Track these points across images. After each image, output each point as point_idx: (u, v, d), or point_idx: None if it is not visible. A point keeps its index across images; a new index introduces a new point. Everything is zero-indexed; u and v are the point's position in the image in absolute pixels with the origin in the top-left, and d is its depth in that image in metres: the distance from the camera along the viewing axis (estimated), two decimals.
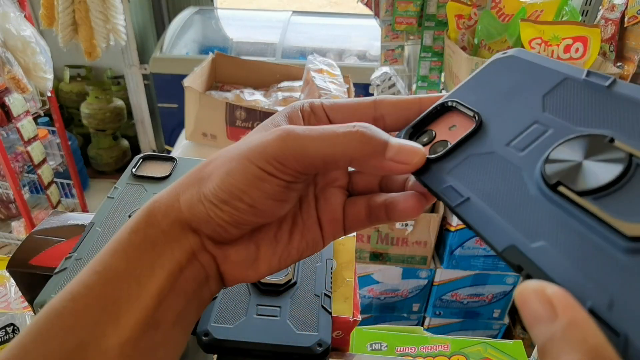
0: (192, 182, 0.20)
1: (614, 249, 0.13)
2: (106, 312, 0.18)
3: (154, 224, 0.20)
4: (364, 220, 0.23)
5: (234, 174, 0.19)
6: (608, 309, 0.12)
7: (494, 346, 0.42)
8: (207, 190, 0.19)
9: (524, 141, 0.18)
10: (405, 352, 0.42)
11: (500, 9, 1.11)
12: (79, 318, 0.18)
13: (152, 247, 0.19)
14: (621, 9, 0.96)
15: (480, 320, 1.31)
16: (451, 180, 0.19)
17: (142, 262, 0.19)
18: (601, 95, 0.17)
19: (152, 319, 0.19)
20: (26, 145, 1.52)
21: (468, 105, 0.20)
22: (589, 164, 0.15)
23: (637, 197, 0.14)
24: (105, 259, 0.19)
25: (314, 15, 2.30)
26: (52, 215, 0.38)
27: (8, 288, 0.45)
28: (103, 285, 0.18)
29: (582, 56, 0.94)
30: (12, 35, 1.24)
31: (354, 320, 0.31)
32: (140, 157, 0.40)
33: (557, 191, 0.15)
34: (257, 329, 0.28)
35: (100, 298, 0.18)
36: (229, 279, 0.21)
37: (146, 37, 2.15)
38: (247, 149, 0.19)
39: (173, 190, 0.20)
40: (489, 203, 0.17)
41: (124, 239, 0.19)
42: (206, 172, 0.20)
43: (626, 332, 0.12)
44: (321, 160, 0.19)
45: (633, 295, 0.12)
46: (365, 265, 1.20)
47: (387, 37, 1.34)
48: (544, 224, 0.15)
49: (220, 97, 1.31)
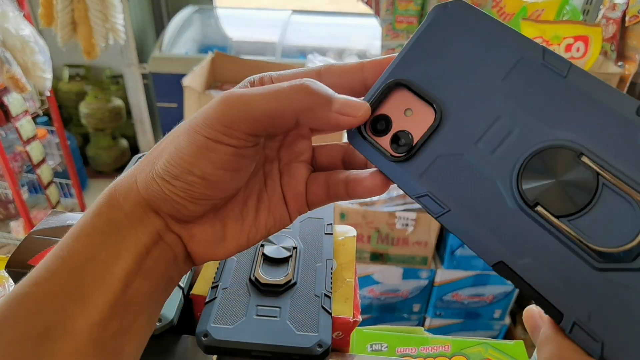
0: (146, 162, 0.20)
1: (589, 267, 0.16)
2: (72, 296, 0.18)
3: (116, 207, 0.19)
4: (323, 196, 0.23)
5: (181, 147, 0.19)
6: (588, 321, 0.15)
7: (494, 347, 0.41)
8: (159, 168, 0.19)
9: (492, 141, 0.18)
10: (405, 352, 0.42)
11: (501, 8, 1.11)
12: (44, 302, 0.17)
13: (116, 230, 0.19)
14: (622, 8, 0.96)
15: (481, 320, 1.30)
16: (426, 186, 0.19)
17: (107, 245, 0.19)
18: (560, 87, 0.17)
19: (121, 301, 0.19)
20: (25, 145, 1.52)
21: (421, 86, 0.19)
22: (562, 184, 0.16)
23: (604, 216, 0.16)
24: (69, 243, 0.19)
25: (314, 14, 2.30)
26: (51, 215, 0.38)
27: (7, 288, 0.44)
28: (68, 270, 0.18)
29: (583, 55, 0.94)
30: (10, 35, 1.24)
31: (354, 321, 0.31)
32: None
33: (535, 210, 0.17)
34: (257, 329, 0.28)
35: (66, 282, 0.18)
36: (197, 257, 0.22)
37: (145, 36, 2.15)
38: (193, 119, 0.19)
39: (131, 172, 0.20)
40: (471, 216, 0.18)
41: (87, 223, 0.19)
42: (158, 150, 0.20)
43: (602, 339, 0.15)
44: (267, 116, 0.18)
45: (605, 308, 0.15)
46: (365, 266, 1.20)
47: (387, 36, 1.34)
48: (527, 241, 0.17)
49: None
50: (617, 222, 0.16)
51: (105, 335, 0.18)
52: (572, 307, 0.15)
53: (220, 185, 0.20)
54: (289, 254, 0.32)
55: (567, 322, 0.16)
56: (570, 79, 0.17)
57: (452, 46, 0.19)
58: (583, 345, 0.15)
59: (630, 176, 0.15)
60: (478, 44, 0.19)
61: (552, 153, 0.17)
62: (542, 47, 0.18)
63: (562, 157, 0.17)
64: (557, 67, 0.17)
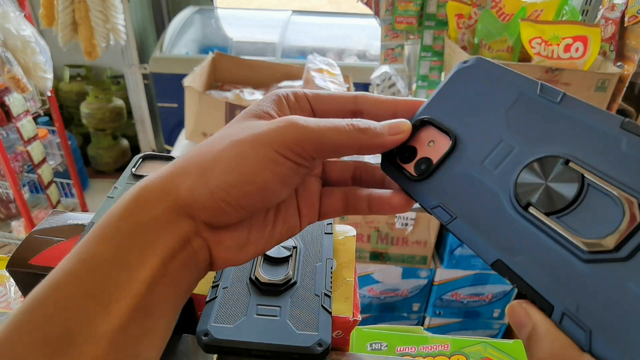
0: (191, 167, 0.20)
1: (577, 259, 0.17)
2: (94, 300, 0.17)
3: (145, 210, 0.19)
4: (339, 209, 0.25)
5: (247, 157, 0.19)
6: (576, 310, 0.16)
7: (494, 346, 0.42)
8: (215, 174, 0.19)
9: (495, 159, 0.21)
10: (405, 351, 0.42)
11: (500, 9, 1.11)
12: (64, 307, 0.17)
13: (143, 233, 0.19)
14: (621, 8, 0.96)
15: (481, 320, 1.31)
16: (439, 199, 0.22)
17: (132, 248, 0.18)
18: (554, 112, 0.20)
19: (143, 306, 0.18)
20: (26, 144, 1.52)
21: (442, 121, 0.23)
22: (552, 186, 0.19)
23: (589, 213, 0.17)
24: (91, 246, 0.18)
25: (313, 14, 2.30)
26: (52, 215, 0.38)
27: (8, 288, 0.45)
28: (90, 273, 0.18)
29: (582, 55, 0.94)
30: (11, 35, 1.24)
31: (354, 320, 0.31)
32: (140, 157, 0.40)
33: (528, 211, 0.19)
34: (257, 328, 0.28)
35: (88, 286, 0.18)
36: (219, 262, 0.22)
37: (146, 36, 2.15)
38: (262, 133, 0.20)
39: (167, 176, 0.20)
40: (474, 222, 0.20)
41: (112, 224, 0.19)
42: (209, 156, 0.20)
43: (590, 328, 0.15)
44: (333, 147, 0.21)
45: (593, 298, 0.16)
46: (365, 265, 1.20)
47: (387, 37, 1.34)
48: (521, 240, 0.19)
49: (220, 96, 1.31)
50: (601, 216, 0.17)
51: (126, 340, 0.18)
52: (563, 299, 0.16)
53: (272, 196, 0.21)
54: (289, 254, 0.32)
55: (557, 314, 0.17)
56: (562, 104, 0.20)
57: (468, 90, 0.23)
58: (572, 335, 0.16)
59: (613, 177, 0.17)
60: (488, 86, 0.23)
61: (543, 162, 0.19)
62: (540, 83, 0.21)
63: (551, 165, 0.19)
64: (551, 96, 0.20)
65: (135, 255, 0.18)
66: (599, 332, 0.15)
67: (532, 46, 0.98)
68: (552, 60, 0.97)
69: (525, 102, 0.21)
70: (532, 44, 0.98)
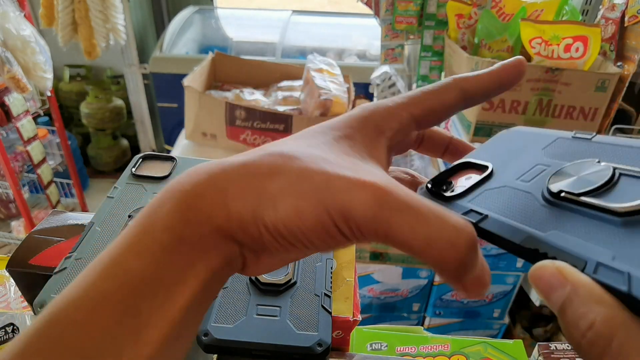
0: (246, 190, 0.17)
1: (611, 225, 0.17)
2: (125, 327, 0.15)
3: (193, 223, 0.16)
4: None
5: (304, 217, 0.16)
6: (612, 260, 0.16)
7: (494, 346, 0.42)
8: (267, 218, 0.17)
9: (530, 175, 0.22)
10: (405, 351, 0.42)
11: (500, 9, 1.11)
12: (92, 336, 0.15)
13: (187, 251, 0.16)
14: (621, 8, 0.96)
15: (481, 320, 1.31)
16: (471, 206, 0.23)
17: (174, 266, 0.16)
18: (586, 144, 0.22)
19: (176, 331, 0.16)
20: (26, 144, 1.52)
21: (479, 160, 0.25)
22: (584, 176, 0.20)
23: (623, 192, 0.18)
24: (124, 259, 0.16)
25: (313, 14, 2.30)
26: (51, 215, 0.38)
27: (8, 288, 0.45)
28: (123, 294, 0.15)
29: (582, 55, 0.94)
30: (11, 35, 1.24)
31: (354, 320, 0.31)
32: (140, 157, 0.40)
33: (561, 197, 0.19)
34: (257, 328, 0.28)
35: (119, 309, 0.15)
36: (246, 273, 0.20)
37: (146, 36, 2.15)
38: (328, 194, 0.16)
39: (218, 190, 0.17)
40: (506, 215, 0.20)
41: (150, 235, 0.16)
42: (270, 190, 0.17)
43: (628, 271, 0.15)
44: (397, 244, 0.16)
45: (629, 250, 0.16)
46: (365, 265, 1.20)
47: (387, 37, 1.34)
48: (553, 220, 0.19)
49: (220, 96, 1.31)
50: (634, 193, 0.18)
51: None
52: (596, 254, 0.16)
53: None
54: None
55: (590, 266, 0.16)
56: (594, 140, 0.22)
57: (509, 142, 0.26)
58: (608, 281, 0.15)
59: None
60: (526, 139, 0.25)
61: (576, 164, 0.21)
62: (575, 131, 0.23)
63: (584, 165, 0.20)
64: (584, 136, 0.22)
65: (175, 274, 0.16)
66: (637, 273, 0.15)
67: (532, 46, 0.98)
68: (552, 60, 0.97)
69: (560, 142, 0.23)
70: (532, 44, 0.98)
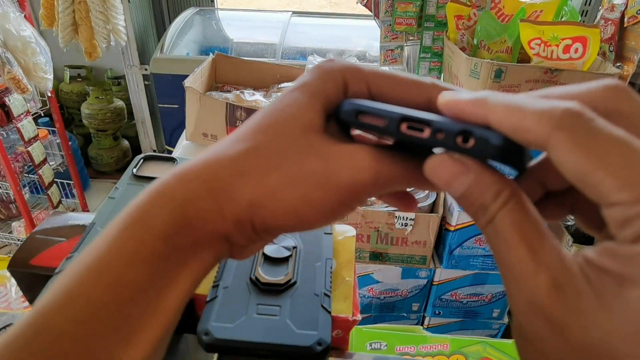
0: (243, 192, 0.17)
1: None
2: (117, 334, 0.15)
3: (189, 233, 0.17)
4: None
5: (312, 204, 0.17)
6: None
7: (493, 345, 0.42)
8: (269, 212, 0.17)
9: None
10: (404, 351, 0.42)
11: (499, 9, 1.11)
12: (84, 344, 0.15)
13: (181, 256, 0.17)
14: (621, 9, 0.96)
15: (480, 319, 1.31)
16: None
17: (167, 273, 0.16)
18: None
19: (167, 330, 0.17)
20: (26, 145, 1.52)
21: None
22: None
23: None
24: (119, 268, 0.16)
25: (313, 15, 2.30)
26: (52, 216, 0.38)
27: (9, 288, 0.45)
28: (116, 302, 0.16)
29: (581, 56, 0.94)
30: (12, 36, 1.24)
31: (353, 320, 0.31)
32: (141, 158, 0.40)
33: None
34: (257, 328, 0.28)
35: (112, 318, 0.15)
36: (231, 258, 0.21)
37: (146, 37, 2.15)
38: (334, 180, 0.17)
39: (216, 196, 0.17)
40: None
41: (146, 244, 0.16)
42: (266, 186, 0.17)
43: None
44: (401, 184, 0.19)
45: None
46: (364, 265, 1.20)
47: (386, 38, 1.34)
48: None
49: (221, 97, 1.31)
50: None
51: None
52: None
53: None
54: (289, 254, 0.32)
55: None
56: None
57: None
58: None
59: None
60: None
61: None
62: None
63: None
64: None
65: (168, 279, 0.17)
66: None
67: (532, 47, 0.98)
68: (552, 61, 0.97)
69: None
70: (531, 45, 0.98)
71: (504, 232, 0.15)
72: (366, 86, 0.19)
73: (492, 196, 0.16)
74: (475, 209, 0.16)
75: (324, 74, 0.19)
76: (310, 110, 0.19)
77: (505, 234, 0.15)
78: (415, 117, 0.17)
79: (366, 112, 0.18)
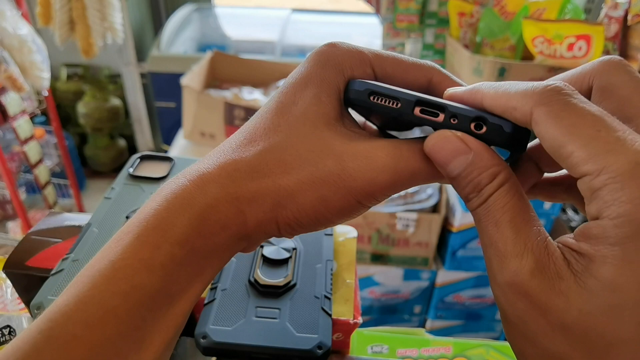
0: (263, 195, 0.17)
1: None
2: (129, 338, 0.15)
3: (207, 236, 0.17)
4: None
5: (330, 204, 0.18)
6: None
7: (496, 348, 0.41)
8: (289, 214, 0.18)
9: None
10: (406, 354, 0.42)
11: (502, 7, 1.10)
12: (96, 351, 0.15)
13: (198, 260, 0.17)
14: (624, 7, 0.96)
15: (483, 322, 1.30)
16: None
17: (182, 277, 0.16)
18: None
19: (177, 332, 0.17)
20: (22, 145, 1.52)
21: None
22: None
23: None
24: (134, 274, 0.16)
25: (313, 12, 2.30)
26: (48, 216, 0.38)
27: (4, 289, 0.44)
28: (129, 308, 0.15)
29: (585, 54, 0.94)
30: (8, 34, 1.23)
31: (354, 323, 0.30)
32: (137, 157, 0.39)
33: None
34: (256, 331, 0.27)
35: (124, 323, 0.15)
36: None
37: (144, 35, 2.15)
38: (351, 183, 0.17)
39: (235, 199, 0.17)
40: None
41: (162, 249, 0.16)
42: (285, 186, 0.17)
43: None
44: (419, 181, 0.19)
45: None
46: (366, 267, 1.20)
47: (388, 35, 1.34)
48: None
49: (219, 95, 1.30)
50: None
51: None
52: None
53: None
54: (289, 255, 0.32)
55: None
56: None
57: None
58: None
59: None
60: None
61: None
62: None
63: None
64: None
65: (183, 284, 0.17)
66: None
67: (535, 45, 0.98)
68: (555, 59, 0.97)
69: None
70: (534, 43, 0.98)
71: (495, 213, 0.16)
72: (371, 68, 0.20)
73: (489, 178, 0.16)
74: (469, 190, 0.17)
75: (326, 62, 0.20)
76: (320, 104, 0.19)
77: (496, 215, 0.16)
78: (431, 101, 0.18)
79: (379, 94, 0.18)
